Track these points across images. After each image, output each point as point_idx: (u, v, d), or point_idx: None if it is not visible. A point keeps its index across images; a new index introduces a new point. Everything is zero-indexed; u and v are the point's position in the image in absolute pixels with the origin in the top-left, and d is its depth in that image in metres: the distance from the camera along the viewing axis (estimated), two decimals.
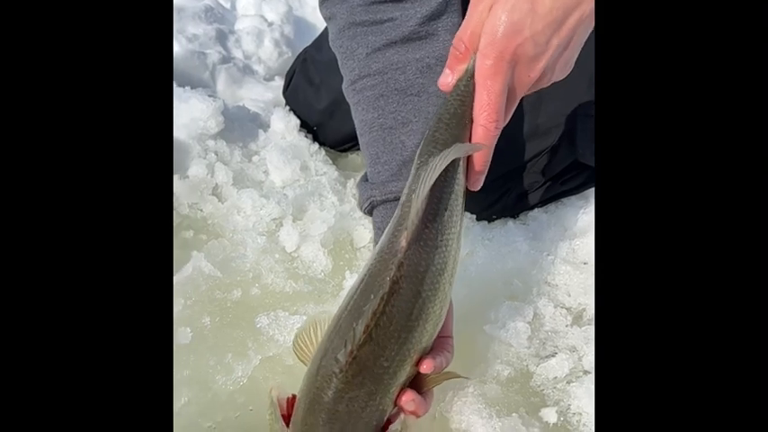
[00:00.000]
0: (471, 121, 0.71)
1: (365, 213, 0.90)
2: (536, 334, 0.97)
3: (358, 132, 0.92)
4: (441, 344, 0.72)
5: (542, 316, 1.00)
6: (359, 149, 1.41)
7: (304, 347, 0.71)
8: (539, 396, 0.90)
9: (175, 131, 1.30)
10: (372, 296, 0.65)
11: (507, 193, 1.12)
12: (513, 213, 1.15)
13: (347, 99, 0.94)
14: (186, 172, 1.25)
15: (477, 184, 0.73)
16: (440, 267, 0.68)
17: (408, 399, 0.67)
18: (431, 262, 0.67)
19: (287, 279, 1.07)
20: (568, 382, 0.90)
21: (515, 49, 0.68)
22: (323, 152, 1.37)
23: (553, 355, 0.93)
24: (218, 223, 1.20)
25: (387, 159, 0.87)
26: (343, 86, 0.94)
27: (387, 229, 0.69)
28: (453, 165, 0.69)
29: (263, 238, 1.11)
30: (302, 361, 0.72)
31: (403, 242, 0.65)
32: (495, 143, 0.71)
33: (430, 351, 0.70)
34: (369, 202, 0.87)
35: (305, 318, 0.98)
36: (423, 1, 0.88)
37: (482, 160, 0.72)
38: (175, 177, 1.23)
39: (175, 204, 1.22)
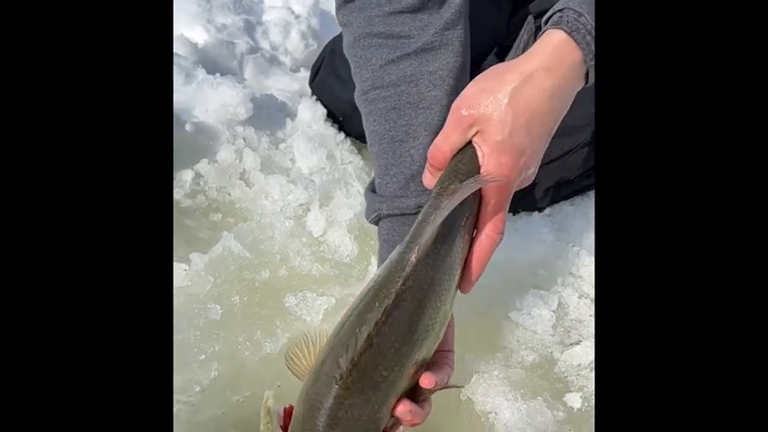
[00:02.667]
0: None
1: (371, 223, 0.91)
2: (560, 322, 0.98)
3: (368, 142, 0.93)
4: (442, 358, 0.73)
5: (567, 305, 1.01)
6: None
7: (296, 360, 0.71)
8: (562, 382, 0.91)
9: (205, 116, 1.33)
10: (377, 305, 0.65)
11: (536, 186, 1.13)
12: (540, 207, 1.16)
13: (359, 108, 0.95)
14: (215, 156, 1.27)
15: (468, 290, 0.75)
16: (444, 288, 0.69)
17: (405, 409, 0.67)
18: (436, 281, 0.68)
19: (313, 262, 1.08)
20: (592, 370, 0.91)
21: (520, 168, 0.71)
22: (349, 142, 1.38)
23: (577, 343, 0.94)
24: (245, 207, 1.22)
25: (395, 172, 0.88)
26: (356, 95, 0.95)
27: (400, 244, 0.70)
28: (466, 207, 0.72)
29: (290, 222, 1.13)
30: (295, 374, 0.71)
31: (413, 257, 0.67)
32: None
33: (431, 365, 0.70)
34: (375, 214, 0.88)
35: (332, 300, 0.99)
36: (439, 12, 0.89)
37: (480, 268, 0.74)
38: (204, 161, 1.25)
39: (204, 187, 1.24)
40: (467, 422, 0.88)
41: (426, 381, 0.67)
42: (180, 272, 1.00)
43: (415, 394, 0.69)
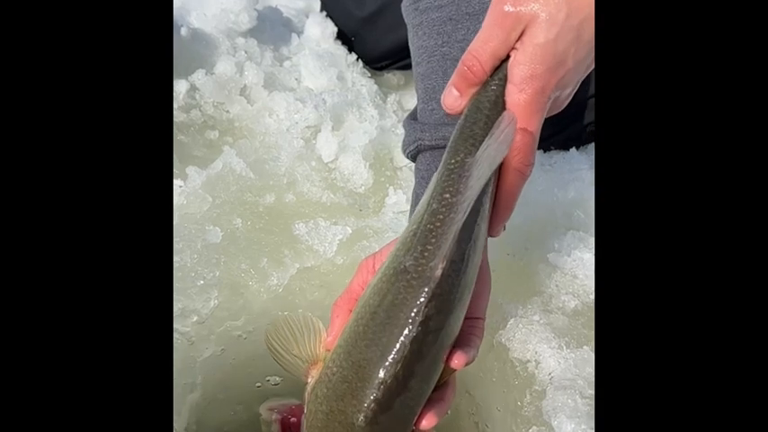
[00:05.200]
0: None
1: (408, 158, 0.77)
2: None
3: (414, 61, 0.79)
4: (470, 329, 0.62)
5: None
6: (396, 69, 1.31)
7: (278, 349, 0.62)
8: None
9: (203, 23, 1.18)
10: (401, 338, 0.54)
11: (577, 121, 1.02)
12: (578, 144, 1.05)
13: (406, 20, 0.81)
14: (213, 68, 1.13)
15: (498, 233, 0.63)
16: (470, 288, 0.59)
17: (430, 425, 0.58)
18: (464, 288, 0.57)
19: (324, 189, 0.96)
20: None
21: (557, 82, 0.58)
22: (361, 64, 1.25)
23: None
24: (246, 126, 1.09)
25: None
26: (404, 4, 0.81)
27: (406, 240, 0.57)
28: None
29: (298, 143, 1.00)
30: (280, 364, 0.62)
31: (438, 271, 0.55)
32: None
33: (459, 340, 0.60)
34: (415, 145, 0.74)
35: (347, 230, 0.88)
36: None
37: (509, 209, 0.62)
38: (201, 72, 1.11)
39: (200, 102, 1.10)
40: (499, 370, 0.78)
41: (457, 362, 0.57)
42: (175, 189, 0.87)
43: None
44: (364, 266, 0.66)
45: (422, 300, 0.54)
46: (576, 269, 0.86)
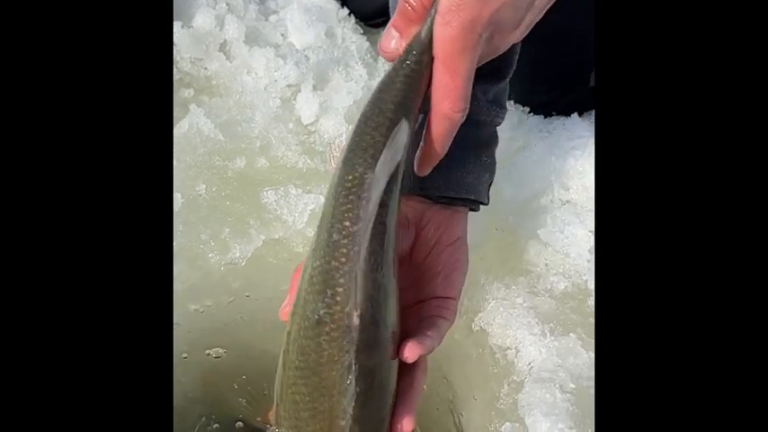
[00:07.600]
0: (423, 105, 0.52)
1: None
2: None
3: (391, 12, 0.72)
4: (439, 310, 0.56)
5: None
6: None
7: None
8: None
9: None
10: (345, 402, 0.49)
11: (583, 84, 0.93)
12: (581, 110, 0.96)
13: None
14: (191, 21, 1.05)
15: (425, 173, 0.56)
16: (394, 308, 0.52)
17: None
18: (388, 312, 0.51)
19: (301, 154, 0.89)
20: None
21: (490, 16, 0.49)
22: (353, 20, 1.16)
23: None
24: (223, 84, 1.01)
25: None
26: None
27: (313, 280, 0.49)
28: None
29: (275, 103, 0.93)
30: None
31: (355, 319, 0.48)
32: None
33: (422, 323, 0.55)
34: None
35: (320, 199, 0.81)
36: None
37: (439, 154, 0.54)
38: (177, 25, 1.03)
39: (176, 58, 1.02)
40: (478, 357, 0.72)
41: (408, 355, 0.52)
42: None
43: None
44: None
45: (349, 353, 0.48)
46: (569, 247, 0.78)
